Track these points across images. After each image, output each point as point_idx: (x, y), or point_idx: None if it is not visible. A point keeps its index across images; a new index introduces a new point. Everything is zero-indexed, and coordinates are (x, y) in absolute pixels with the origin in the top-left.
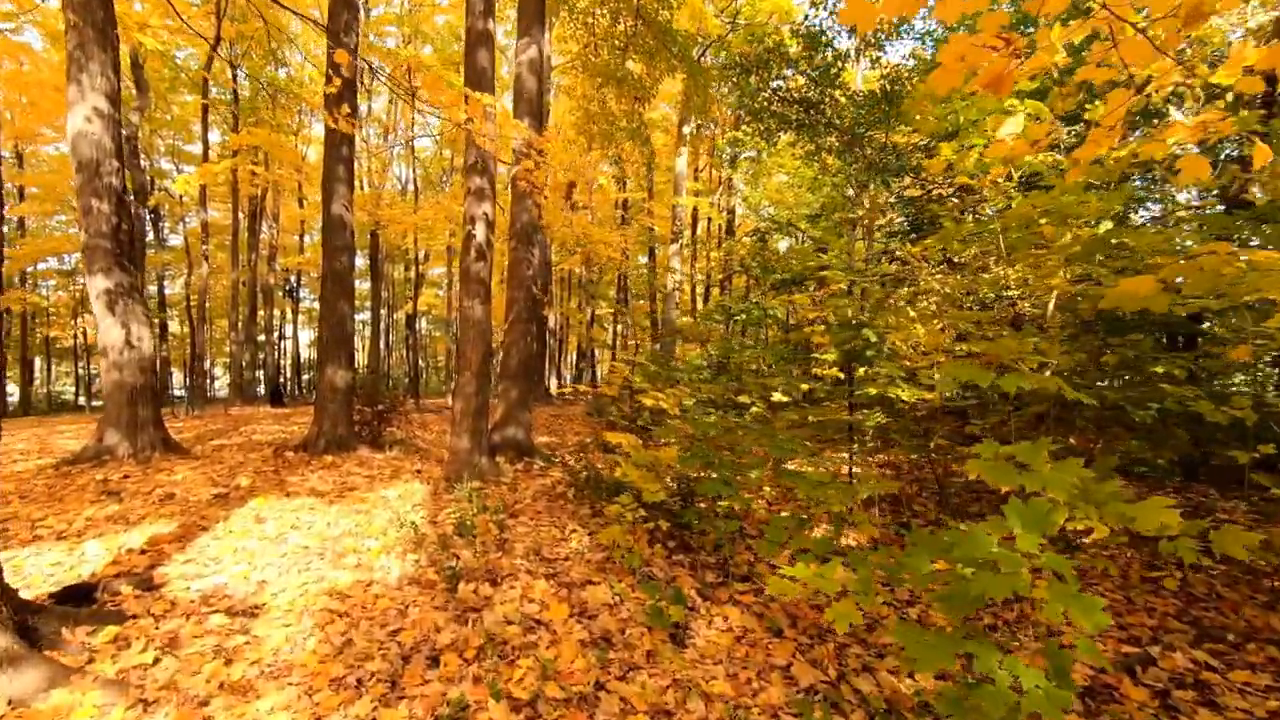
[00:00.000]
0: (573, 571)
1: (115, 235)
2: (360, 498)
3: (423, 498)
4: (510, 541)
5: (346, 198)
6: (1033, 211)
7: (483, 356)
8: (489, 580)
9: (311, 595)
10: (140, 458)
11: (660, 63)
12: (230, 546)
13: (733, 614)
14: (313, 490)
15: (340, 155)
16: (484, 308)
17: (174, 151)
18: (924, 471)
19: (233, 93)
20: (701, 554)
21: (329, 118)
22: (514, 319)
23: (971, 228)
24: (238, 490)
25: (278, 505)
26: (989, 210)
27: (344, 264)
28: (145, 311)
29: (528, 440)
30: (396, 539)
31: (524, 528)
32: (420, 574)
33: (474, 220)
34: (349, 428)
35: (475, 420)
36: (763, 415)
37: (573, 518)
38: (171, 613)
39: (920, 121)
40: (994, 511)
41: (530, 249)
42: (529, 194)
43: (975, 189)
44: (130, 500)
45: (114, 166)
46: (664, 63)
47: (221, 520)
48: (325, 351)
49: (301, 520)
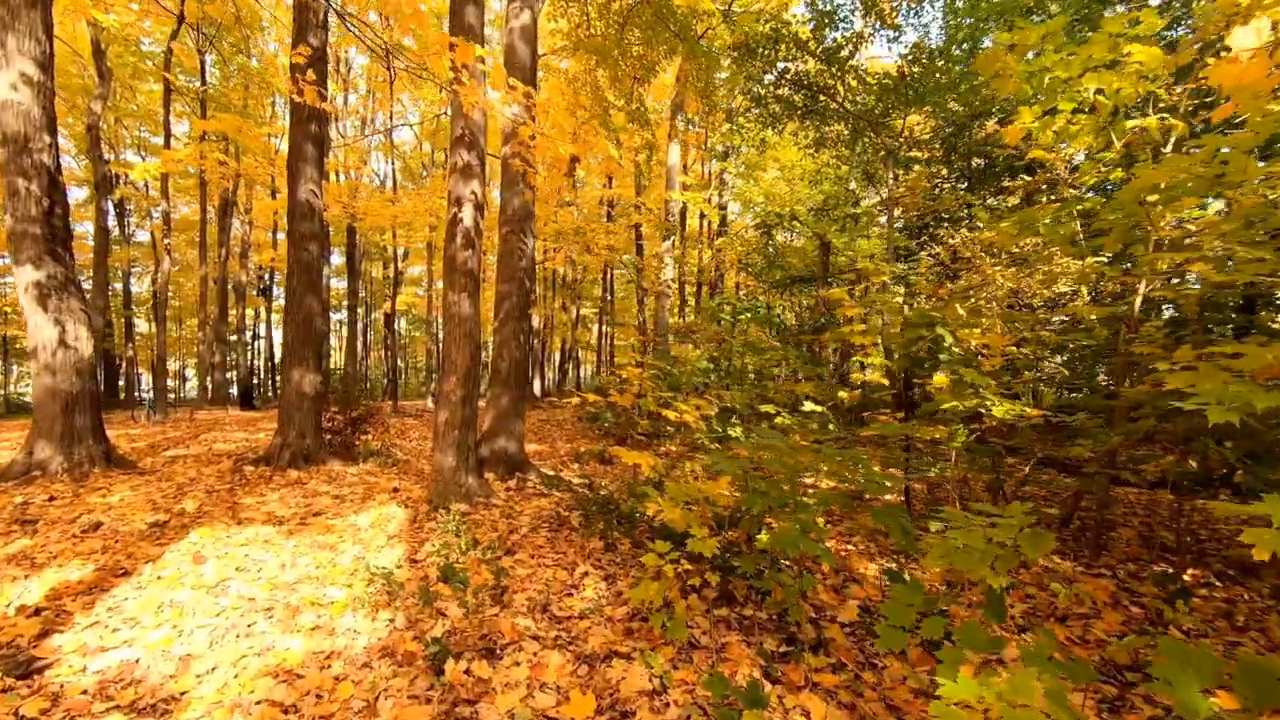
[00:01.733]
0: (592, 637)
1: (47, 220)
2: (325, 525)
3: (400, 526)
4: (509, 590)
5: (315, 180)
6: (1187, 174)
7: (470, 359)
8: (485, 651)
9: (251, 677)
10: (76, 474)
11: (659, 42)
12: (154, 600)
13: (814, 706)
14: (270, 516)
15: (309, 133)
16: (472, 303)
17: (140, 144)
18: (1067, 509)
19: (200, 80)
20: (747, 606)
21: (294, 88)
22: (505, 316)
23: (1055, 209)
24: (180, 517)
25: (225, 537)
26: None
27: (312, 254)
28: (84, 307)
29: (520, 453)
30: (366, 588)
31: (524, 569)
32: (395, 642)
33: (460, 201)
34: (317, 438)
35: (462, 433)
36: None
37: (581, 554)
38: (49, 716)
39: (1000, 82)
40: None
41: (524, 237)
42: (522, 175)
43: (1048, 165)
44: (46, 532)
45: (46, 142)
46: (663, 43)
47: (152, 560)
48: (291, 352)
49: (251, 560)
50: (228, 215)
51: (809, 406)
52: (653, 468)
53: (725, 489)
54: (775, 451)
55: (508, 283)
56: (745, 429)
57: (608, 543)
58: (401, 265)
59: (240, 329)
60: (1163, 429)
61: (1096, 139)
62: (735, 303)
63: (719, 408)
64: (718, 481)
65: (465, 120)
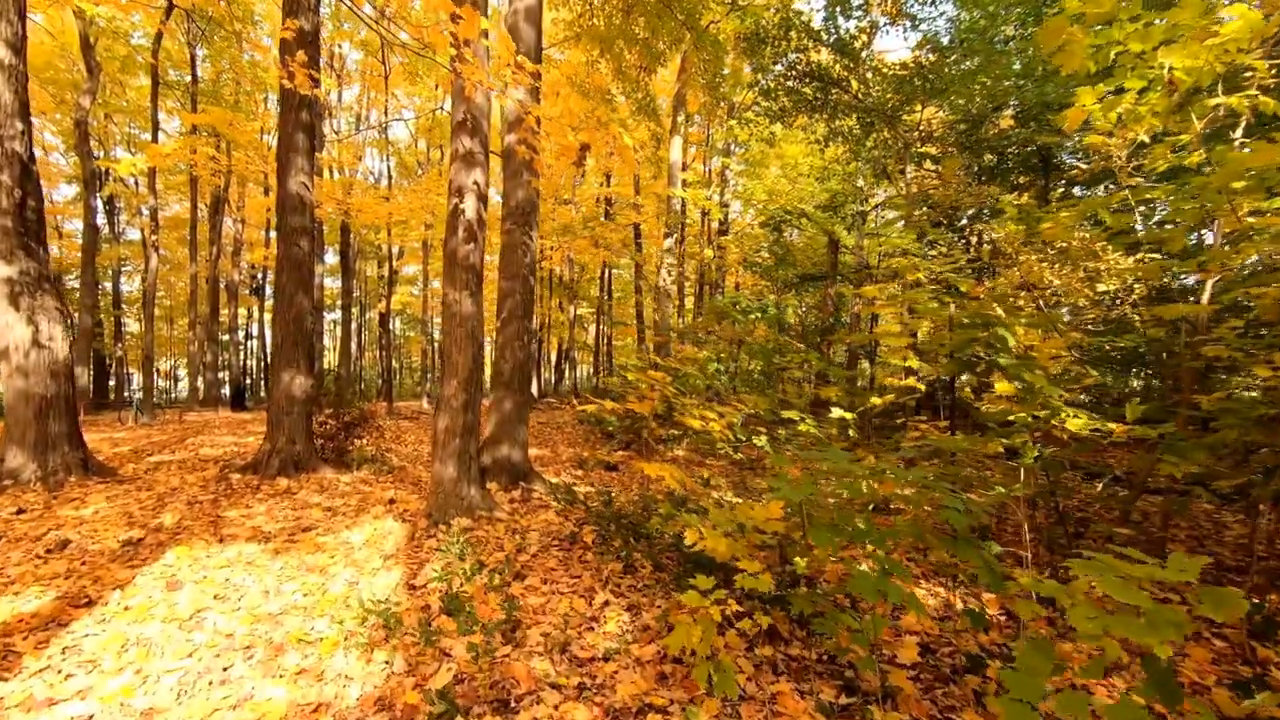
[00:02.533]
0: (620, 685)
1: (19, 213)
2: (315, 543)
3: (396, 544)
4: (522, 625)
5: (306, 172)
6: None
7: (473, 361)
8: (497, 704)
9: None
10: (50, 483)
11: (666, 31)
12: (118, 638)
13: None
14: (255, 532)
15: (299, 121)
16: (475, 301)
17: (130, 140)
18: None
19: (191, 75)
20: (793, 643)
21: (283, 72)
22: (508, 315)
23: (1121, 197)
24: (157, 534)
25: (204, 558)
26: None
27: (303, 250)
28: (59, 306)
29: (525, 462)
30: (360, 624)
31: (536, 596)
32: (393, 691)
33: (462, 191)
34: (308, 444)
35: (464, 441)
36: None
37: (598, 578)
38: None
39: (1064, 56)
40: None
41: (528, 231)
42: (526, 164)
43: (1102, 152)
44: (8, 551)
45: (17, 129)
46: (669, 32)
47: (121, 586)
48: (280, 354)
49: (231, 586)
50: (219, 213)
51: (836, 413)
52: (679, 481)
53: (779, 513)
54: (840, 472)
55: (510, 280)
56: (770, 438)
57: (627, 564)
58: (397, 264)
59: (233, 329)
60: (1255, 440)
61: (1169, 121)
62: (744, 302)
63: (743, 415)
64: (769, 506)
65: (468, 104)
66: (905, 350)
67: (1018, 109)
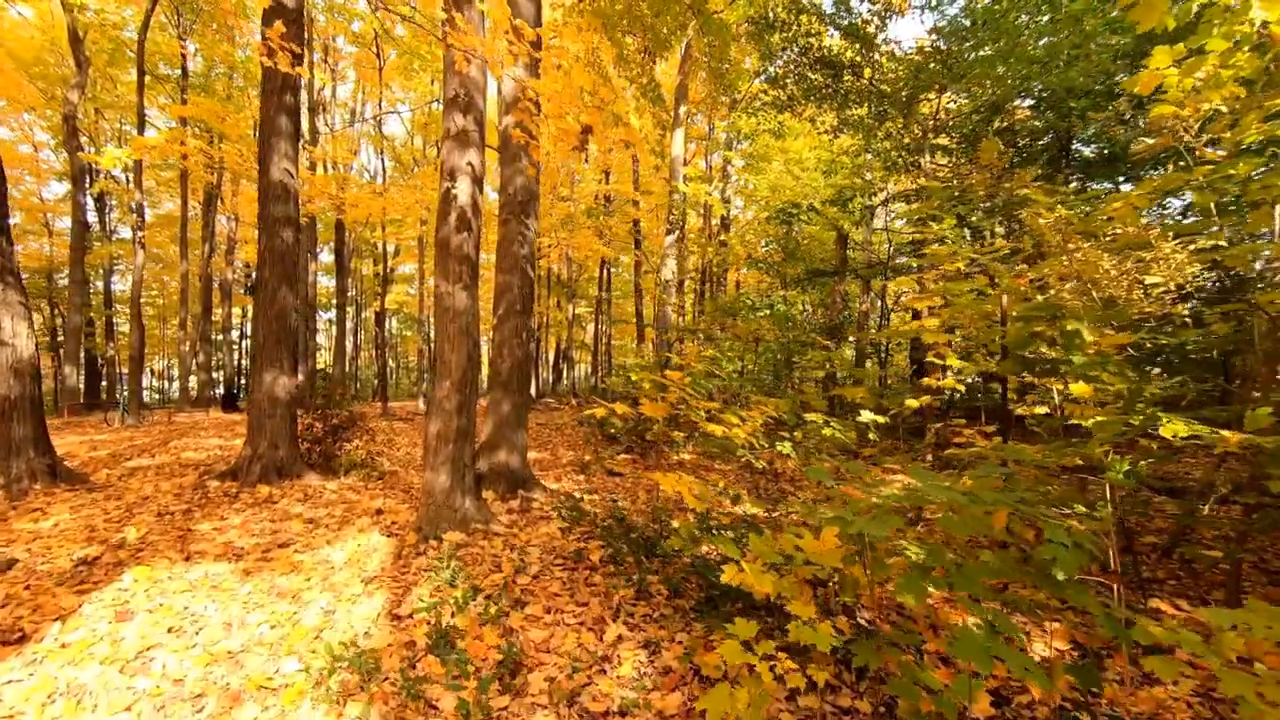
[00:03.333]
0: None
1: None
2: (291, 562)
3: (381, 563)
4: (522, 667)
5: (290, 158)
6: None
7: (468, 360)
8: None
9: None
10: (12, 491)
11: (671, 14)
12: (46, 684)
13: None
14: (226, 549)
15: (282, 104)
16: (469, 294)
17: (120, 136)
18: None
19: (182, 70)
20: (842, 692)
21: (263, 49)
22: (506, 311)
23: (1207, 172)
24: (117, 551)
25: (165, 580)
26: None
27: (287, 241)
28: (23, 301)
29: (524, 468)
30: (330, 672)
31: (538, 629)
32: None
33: (454, 174)
34: (292, 448)
35: (457, 447)
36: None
37: (607, 604)
38: None
39: (1144, 8)
40: None
41: (526, 221)
42: (524, 149)
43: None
44: None
45: None
46: (675, 16)
47: (63, 617)
48: (263, 352)
49: (190, 616)
50: (212, 209)
51: (866, 416)
52: (698, 497)
53: (834, 543)
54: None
55: (508, 273)
56: (793, 443)
57: (639, 589)
58: (392, 262)
59: (226, 328)
60: None
61: (1257, 88)
62: (752, 299)
63: (766, 418)
64: (826, 539)
65: (460, 78)
66: (942, 347)
67: (1041, 93)
